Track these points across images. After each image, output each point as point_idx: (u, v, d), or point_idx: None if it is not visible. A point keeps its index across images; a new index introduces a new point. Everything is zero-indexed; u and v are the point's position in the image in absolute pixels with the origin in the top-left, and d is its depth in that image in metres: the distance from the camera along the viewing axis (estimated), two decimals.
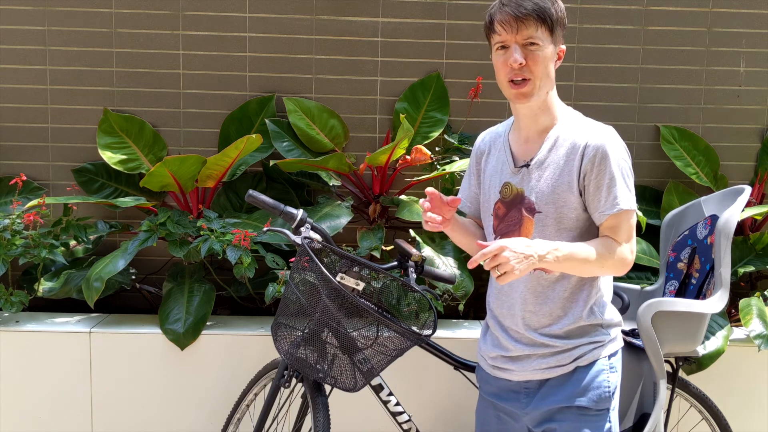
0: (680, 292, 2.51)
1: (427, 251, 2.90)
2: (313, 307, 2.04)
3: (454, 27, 3.24)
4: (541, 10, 1.75)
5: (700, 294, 2.40)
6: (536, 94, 1.80)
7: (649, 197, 3.31)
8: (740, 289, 3.25)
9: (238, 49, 3.23)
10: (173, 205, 3.18)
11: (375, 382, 2.27)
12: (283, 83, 3.25)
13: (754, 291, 3.10)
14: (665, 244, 2.60)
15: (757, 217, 3.13)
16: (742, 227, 3.23)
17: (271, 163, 3.00)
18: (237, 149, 2.84)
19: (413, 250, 2.21)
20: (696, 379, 2.73)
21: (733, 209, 2.27)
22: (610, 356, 1.89)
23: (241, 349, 2.77)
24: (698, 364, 2.73)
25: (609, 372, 1.87)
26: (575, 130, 1.83)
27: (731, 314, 3.04)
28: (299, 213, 2.16)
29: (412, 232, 3.02)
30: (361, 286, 2.13)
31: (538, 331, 1.88)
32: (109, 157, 3.08)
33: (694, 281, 2.44)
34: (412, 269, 2.21)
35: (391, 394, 2.29)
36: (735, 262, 3.08)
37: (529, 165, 1.87)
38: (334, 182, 3.12)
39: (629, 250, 1.82)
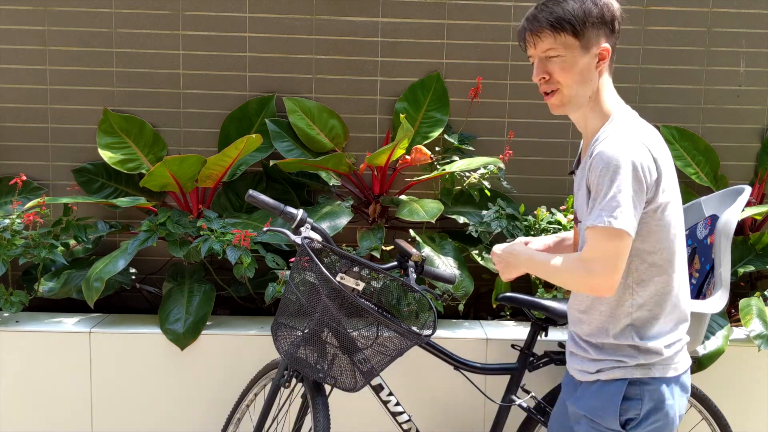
0: None
1: (427, 251, 2.90)
2: (313, 307, 2.04)
3: (454, 27, 3.24)
4: (557, 20, 1.66)
5: (700, 294, 2.40)
6: (569, 103, 1.73)
7: None
8: (740, 289, 3.25)
9: (238, 49, 3.23)
10: (173, 205, 3.18)
11: (375, 382, 2.27)
12: (283, 83, 3.25)
13: (754, 291, 3.10)
14: None
15: (757, 217, 3.13)
16: (742, 227, 3.23)
17: (271, 163, 3.00)
18: (237, 149, 2.84)
19: (413, 250, 2.22)
20: (696, 379, 2.73)
21: (733, 209, 2.27)
22: (633, 382, 1.72)
23: (241, 349, 2.77)
24: (698, 364, 2.73)
25: (629, 400, 1.72)
26: (604, 137, 1.68)
27: (731, 314, 3.04)
28: (299, 213, 2.16)
29: (411, 232, 3.02)
30: (361, 286, 2.13)
31: (578, 334, 1.86)
32: (109, 157, 3.08)
33: (693, 281, 2.44)
34: (412, 269, 2.21)
35: (391, 394, 2.29)
36: (735, 262, 3.08)
37: (574, 172, 1.87)
38: (334, 182, 3.12)
39: (586, 269, 1.62)
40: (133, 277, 3.09)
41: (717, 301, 2.23)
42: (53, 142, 3.25)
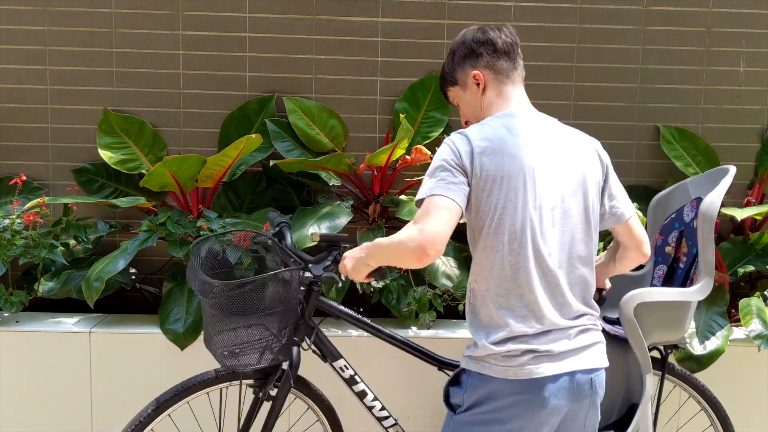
0: (669, 276, 2.47)
1: None
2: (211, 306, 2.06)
3: (454, 27, 3.24)
4: (441, 83, 2.02)
5: (687, 278, 2.34)
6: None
7: (650, 197, 3.30)
8: (740, 289, 3.25)
9: (238, 49, 3.23)
10: (173, 205, 3.18)
11: (358, 388, 2.23)
12: (283, 83, 3.25)
13: (754, 291, 3.10)
14: (652, 227, 2.54)
15: (757, 217, 3.13)
16: (742, 227, 3.23)
17: (271, 163, 3.00)
18: (237, 149, 2.84)
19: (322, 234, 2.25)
20: None
21: (716, 192, 2.18)
22: (465, 370, 1.82)
23: None
24: (698, 363, 2.73)
25: (456, 386, 1.84)
26: None
27: (731, 314, 3.04)
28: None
29: None
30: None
31: None
32: (109, 157, 3.08)
33: (681, 265, 2.40)
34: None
35: (375, 399, 2.26)
36: (735, 262, 3.08)
37: None
38: (334, 182, 3.12)
39: (408, 230, 1.69)
40: (133, 277, 3.09)
41: (700, 288, 2.16)
42: (53, 142, 3.25)
